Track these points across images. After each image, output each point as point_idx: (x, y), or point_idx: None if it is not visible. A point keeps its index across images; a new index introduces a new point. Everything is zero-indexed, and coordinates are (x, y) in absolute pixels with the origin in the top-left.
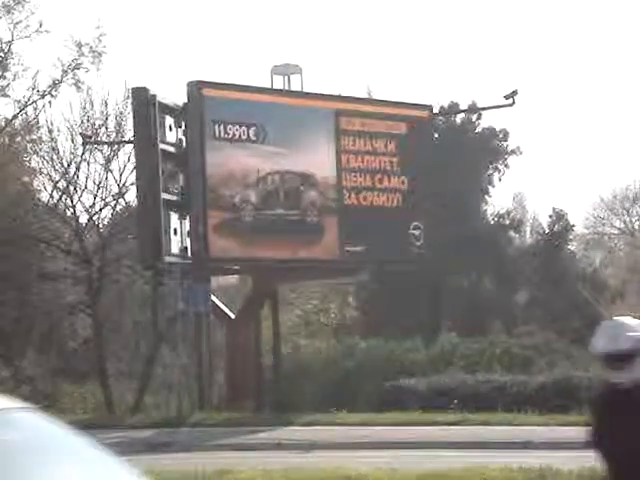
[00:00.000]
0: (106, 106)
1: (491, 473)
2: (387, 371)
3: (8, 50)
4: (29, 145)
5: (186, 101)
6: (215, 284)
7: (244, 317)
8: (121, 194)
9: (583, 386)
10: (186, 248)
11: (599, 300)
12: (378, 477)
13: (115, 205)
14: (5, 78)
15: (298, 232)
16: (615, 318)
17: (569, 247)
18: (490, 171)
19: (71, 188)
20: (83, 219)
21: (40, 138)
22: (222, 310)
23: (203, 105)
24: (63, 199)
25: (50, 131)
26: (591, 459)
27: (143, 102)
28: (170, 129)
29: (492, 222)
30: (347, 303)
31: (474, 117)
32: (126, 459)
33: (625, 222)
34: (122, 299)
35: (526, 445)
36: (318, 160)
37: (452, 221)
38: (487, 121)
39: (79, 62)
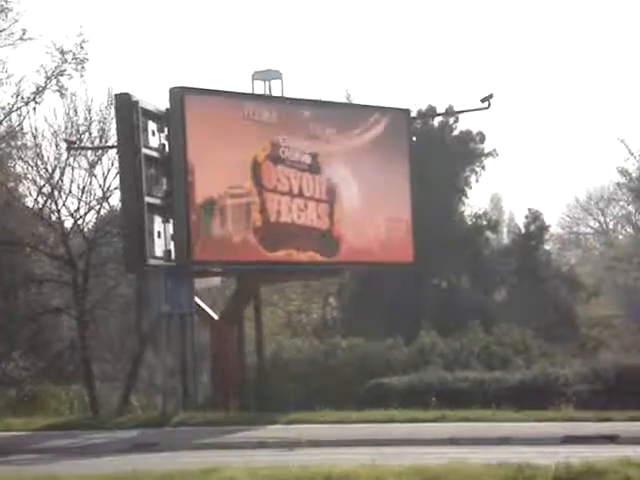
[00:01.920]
0: (90, 112)
1: (470, 469)
2: (368, 369)
3: None
4: (14, 151)
5: (168, 106)
6: (198, 286)
7: (227, 318)
8: (105, 198)
9: (560, 383)
10: (169, 251)
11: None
12: (360, 473)
13: (99, 209)
14: None
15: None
16: None
17: (545, 247)
18: (467, 173)
19: (56, 193)
20: (68, 223)
21: (25, 144)
22: (206, 311)
23: (185, 111)
24: (48, 204)
25: (35, 137)
26: (568, 454)
27: (126, 108)
28: (153, 134)
29: (469, 223)
30: (328, 304)
31: (451, 120)
32: (111, 459)
33: (600, 222)
34: (107, 302)
35: (505, 441)
36: None
37: (430, 222)
38: (464, 124)
39: (62, 69)
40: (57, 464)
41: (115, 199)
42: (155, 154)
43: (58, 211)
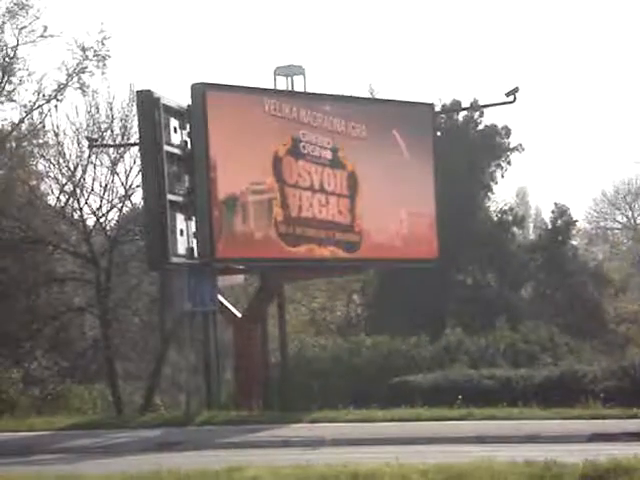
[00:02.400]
0: (111, 109)
1: (497, 467)
2: (393, 367)
3: (14, 55)
4: (36, 149)
5: (190, 103)
6: (221, 283)
7: (251, 316)
8: (127, 196)
9: (587, 380)
10: (192, 249)
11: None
12: (386, 472)
13: (122, 207)
14: (11, 83)
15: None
16: None
17: (572, 242)
18: (493, 168)
19: (78, 191)
20: (90, 221)
21: (47, 142)
22: (229, 309)
23: (207, 107)
24: (70, 202)
25: (56, 135)
26: (595, 452)
27: (148, 105)
28: (175, 131)
29: (495, 218)
30: (352, 301)
31: (476, 115)
32: (135, 458)
33: (627, 217)
34: (130, 300)
35: (531, 439)
36: None
37: (456, 218)
38: (489, 118)
39: (84, 66)
40: (81, 464)
41: (137, 197)
42: (177, 151)
43: (80, 209)
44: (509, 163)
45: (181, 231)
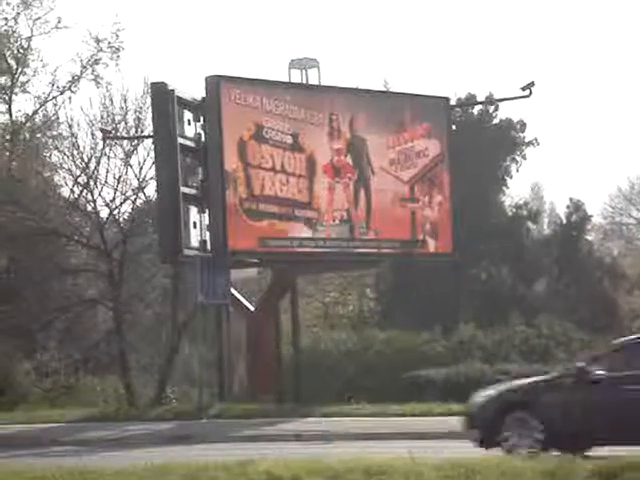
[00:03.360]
0: (125, 101)
1: (509, 462)
2: (406, 362)
3: (28, 46)
4: (50, 141)
5: (204, 95)
6: (234, 277)
7: (263, 309)
8: (141, 188)
9: None
10: (205, 241)
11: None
12: (398, 467)
13: (135, 199)
14: (25, 74)
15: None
16: None
17: (587, 237)
18: (507, 162)
19: (91, 183)
20: (104, 213)
21: (60, 134)
22: (241, 302)
23: (221, 99)
24: (84, 194)
25: (70, 127)
26: (609, 449)
27: (162, 97)
28: (189, 123)
29: (510, 213)
30: (365, 295)
31: (491, 109)
32: (146, 451)
33: None
34: (143, 292)
35: None
36: None
37: (470, 212)
38: (504, 113)
39: (98, 58)
40: (92, 456)
41: (151, 189)
42: (191, 143)
43: (94, 201)
44: (524, 157)
45: (194, 224)
